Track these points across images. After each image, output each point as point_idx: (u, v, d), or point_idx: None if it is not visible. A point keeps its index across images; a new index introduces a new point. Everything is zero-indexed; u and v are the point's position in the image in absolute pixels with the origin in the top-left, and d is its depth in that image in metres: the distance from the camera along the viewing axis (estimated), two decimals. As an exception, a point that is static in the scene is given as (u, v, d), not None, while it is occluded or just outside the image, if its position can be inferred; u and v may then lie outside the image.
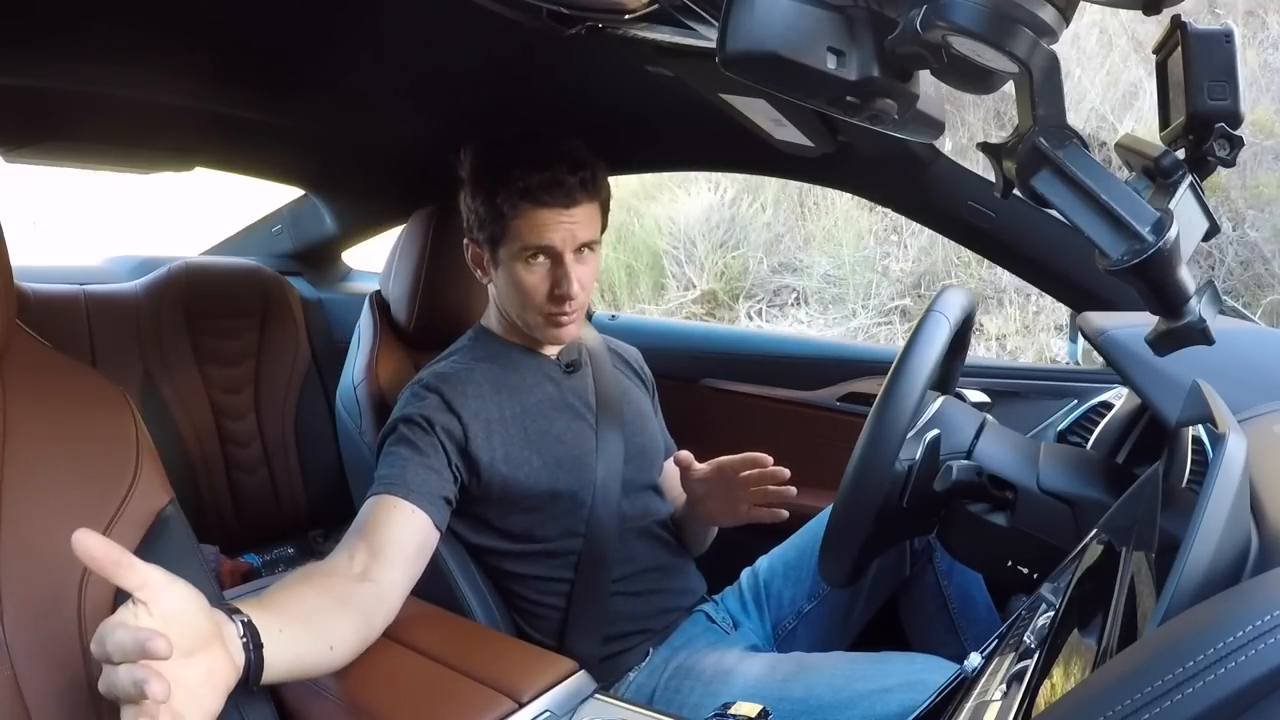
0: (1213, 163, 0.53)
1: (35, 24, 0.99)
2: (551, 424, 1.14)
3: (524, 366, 1.17)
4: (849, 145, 1.24)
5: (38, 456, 0.72)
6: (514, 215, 1.06)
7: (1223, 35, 0.53)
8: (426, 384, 1.10)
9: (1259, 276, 3.64)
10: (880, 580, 1.24)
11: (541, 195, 1.04)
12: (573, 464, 1.13)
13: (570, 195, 1.05)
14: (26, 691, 0.67)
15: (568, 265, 1.08)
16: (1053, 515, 0.93)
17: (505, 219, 1.06)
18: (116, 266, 1.98)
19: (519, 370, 1.16)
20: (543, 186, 1.04)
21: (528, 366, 1.17)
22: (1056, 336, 3.81)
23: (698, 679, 1.06)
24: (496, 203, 1.06)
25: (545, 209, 1.05)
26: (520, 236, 1.07)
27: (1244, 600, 0.39)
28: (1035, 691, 0.55)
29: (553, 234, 1.06)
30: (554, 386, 1.17)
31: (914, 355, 0.92)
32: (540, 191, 1.04)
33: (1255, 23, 4.28)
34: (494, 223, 1.08)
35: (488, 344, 1.19)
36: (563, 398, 1.17)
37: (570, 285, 1.08)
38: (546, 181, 1.04)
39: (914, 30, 0.46)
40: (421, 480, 0.99)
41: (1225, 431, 0.55)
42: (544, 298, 1.09)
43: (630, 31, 0.84)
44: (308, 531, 2.00)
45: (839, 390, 1.63)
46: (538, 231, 1.06)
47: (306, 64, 1.20)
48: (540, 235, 1.06)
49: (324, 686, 0.83)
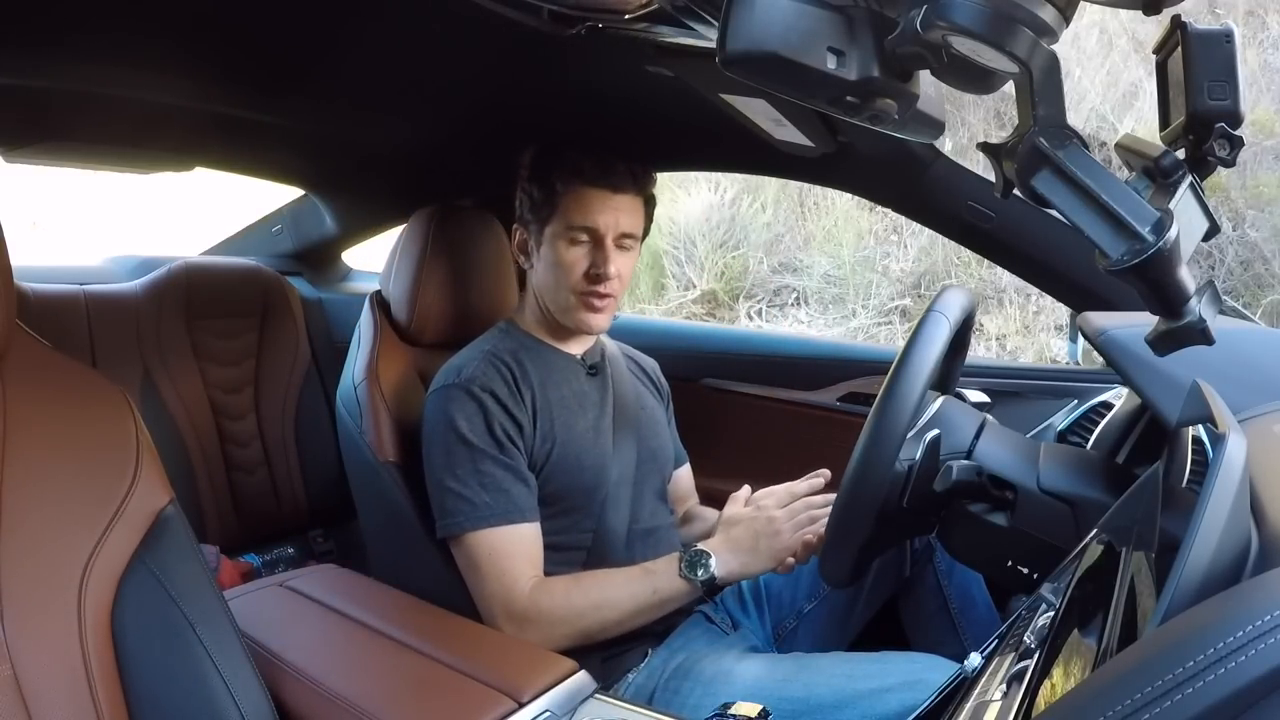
0: (1213, 163, 0.53)
1: (35, 24, 0.99)
2: (575, 421, 1.16)
3: (551, 362, 1.19)
4: (849, 145, 1.24)
5: (38, 457, 0.72)
6: (564, 192, 1.13)
7: (1223, 35, 0.53)
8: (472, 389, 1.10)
9: (1259, 276, 3.65)
10: (880, 580, 1.24)
11: (592, 175, 1.13)
12: (591, 463, 1.15)
13: (618, 181, 1.14)
14: (26, 690, 0.67)
15: (608, 249, 1.14)
16: (1053, 515, 0.93)
17: (556, 196, 1.14)
18: (116, 266, 1.98)
19: (547, 365, 1.18)
20: (594, 168, 1.13)
21: (554, 363, 1.19)
22: (1056, 336, 3.81)
23: (697, 679, 1.07)
24: (550, 180, 1.14)
25: (594, 189, 1.13)
26: (567, 214, 1.13)
27: (1244, 600, 0.39)
28: (1035, 691, 0.55)
29: (598, 215, 1.13)
30: (578, 385, 1.20)
31: (914, 355, 0.92)
32: (591, 172, 1.13)
33: (1255, 23, 4.28)
34: (545, 202, 1.15)
35: (518, 337, 1.20)
36: (587, 397, 1.20)
37: (608, 266, 1.13)
38: (598, 164, 1.13)
39: (914, 30, 0.46)
40: (525, 496, 1.09)
41: (1225, 431, 0.55)
42: (580, 276, 1.14)
43: (630, 31, 0.84)
44: (308, 531, 2.00)
45: (839, 390, 1.63)
46: (584, 211, 1.13)
47: (307, 64, 1.20)
48: (586, 215, 1.13)
49: (324, 686, 0.83)
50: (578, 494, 1.13)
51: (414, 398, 1.23)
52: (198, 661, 0.73)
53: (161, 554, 0.74)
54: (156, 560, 0.74)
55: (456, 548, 1.08)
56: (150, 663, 0.72)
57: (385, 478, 1.18)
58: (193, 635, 0.73)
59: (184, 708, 0.72)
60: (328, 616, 0.98)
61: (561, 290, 1.15)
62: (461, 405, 1.09)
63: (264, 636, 0.91)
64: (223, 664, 0.74)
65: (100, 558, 0.72)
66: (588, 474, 1.14)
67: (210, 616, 0.75)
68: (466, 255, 1.35)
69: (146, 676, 0.72)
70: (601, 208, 1.13)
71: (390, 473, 1.18)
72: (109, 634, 0.71)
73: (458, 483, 1.06)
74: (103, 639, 0.71)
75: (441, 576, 1.09)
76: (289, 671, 0.86)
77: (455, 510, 1.06)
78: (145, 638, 0.72)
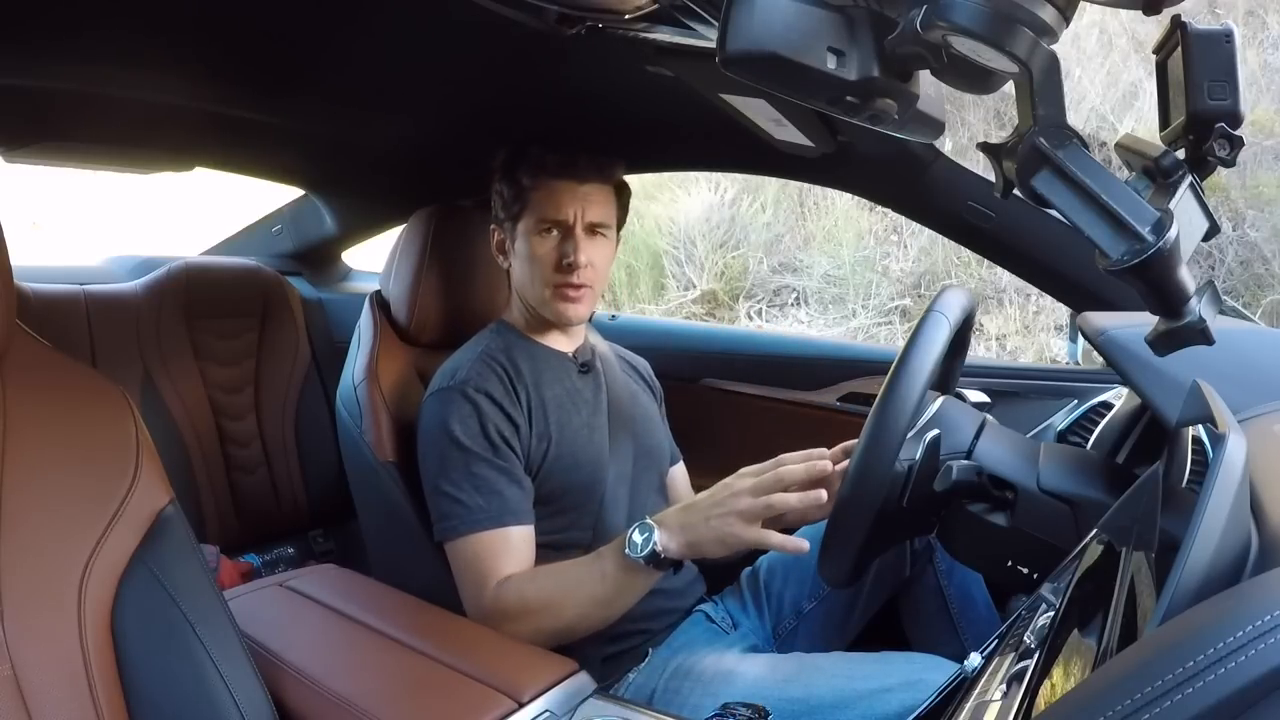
0: (1213, 163, 0.53)
1: (35, 24, 0.99)
2: (570, 419, 1.16)
3: (544, 360, 1.19)
4: (849, 145, 1.24)
5: (38, 456, 0.72)
6: (532, 188, 1.16)
7: (1223, 35, 0.53)
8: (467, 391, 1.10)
9: (1259, 276, 3.65)
10: (880, 580, 1.24)
11: (556, 169, 1.15)
12: (588, 460, 1.15)
13: (582, 172, 1.16)
14: (26, 690, 0.67)
15: (577, 237, 1.15)
16: (1053, 515, 0.93)
17: (525, 192, 1.16)
18: (116, 266, 1.98)
19: (540, 363, 1.18)
20: (558, 162, 1.15)
21: (547, 361, 1.19)
22: (1056, 336, 3.81)
23: (697, 679, 1.06)
24: (517, 177, 1.17)
25: (559, 181, 1.15)
26: (537, 209, 1.16)
27: (1244, 600, 0.39)
28: (1035, 691, 0.54)
29: (565, 207, 1.15)
30: (572, 383, 1.20)
31: (914, 355, 0.92)
32: (555, 166, 1.15)
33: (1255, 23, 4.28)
34: (515, 200, 1.17)
35: (509, 336, 1.21)
36: (580, 394, 1.20)
37: (578, 255, 1.14)
38: (562, 158, 1.16)
39: (914, 30, 0.46)
40: (519, 499, 1.08)
41: (1225, 431, 0.55)
42: (552, 268, 1.15)
43: (630, 31, 0.84)
44: (308, 531, 2.00)
45: (839, 390, 1.63)
46: (552, 203, 1.15)
47: (307, 64, 1.20)
48: (554, 207, 1.15)
49: (324, 686, 0.83)
50: (575, 492, 1.14)
51: (414, 398, 1.23)
52: (198, 661, 0.73)
53: (161, 554, 0.74)
54: (156, 560, 0.74)
55: (450, 550, 1.08)
56: (150, 662, 0.72)
57: (385, 478, 1.18)
58: (193, 635, 0.73)
59: (184, 707, 0.72)
60: (328, 616, 0.98)
61: (536, 283, 1.17)
62: (457, 408, 1.09)
63: (264, 636, 0.91)
64: (223, 664, 0.74)
65: (100, 557, 0.72)
66: (584, 471, 1.14)
67: (210, 616, 0.75)
68: (466, 255, 1.35)
69: (146, 676, 0.72)
70: (568, 199, 1.15)
71: (390, 473, 1.18)
72: (109, 634, 0.71)
73: (452, 486, 1.06)
74: (103, 639, 0.71)
75: (441, 576, 1.09)
76: (289, 671, 0.86)
77: (450, 514, 1.06)
78: (145, 637, 0.72)
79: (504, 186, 1.19)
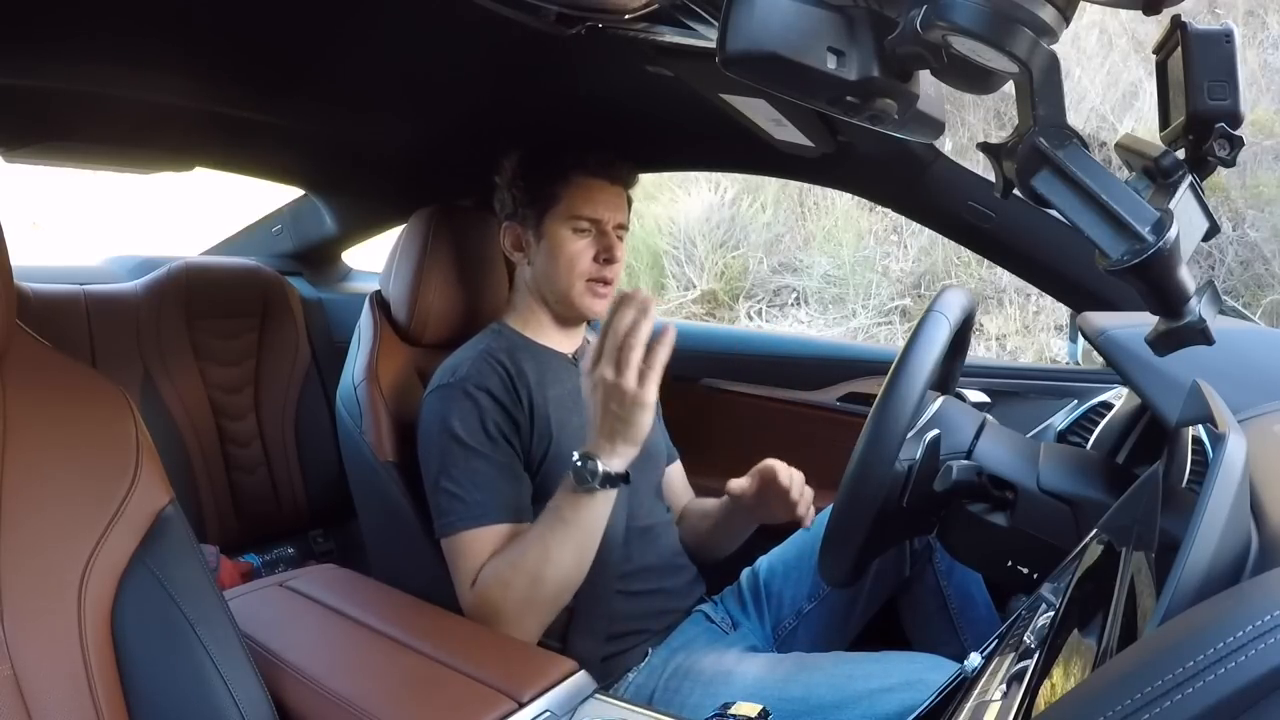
0: (1213, 163, 0.53)
1: (35, 24, 0.99)
2: (570, 419, 1.16)
3: (545, 361, 1.19)
4: (849, 145, 1.24)
5: (38, 457, 0.72)
6: (568, 184, 1.18)
7: (1223, 35, 0.53)
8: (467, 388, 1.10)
9: (1259, 276, 3.65)
10: (880, 580, 1.24)
11: (597, 169, 1.19)
12: None
13: (620, 174, 1.21)
14: (26, 690, 0.67)
15: (610, 235, 1.19)
16: (1053, 515, 0.93)
17: (559, 188, 1.18)
18: (116, 266, 1.98)
19: (541, 364, 1.18)
20: (599, 162, 1.19)
21: (548, 362, 1.20)
22: (1056, 336, 3.81)
23: (697, 679, 1.07)
24: (551, 174, 1.18)
25: (598, 180, 1.19)
26: (573, 205, 1.18)
27: (1244, 600, 0.39)
28: (1035, 691, 0.55)
29: (602, 207, 1.18)
30: (572, 383, 1.20)
31: (914, 355, 0.92)
32: (597, 166, 1.19)
33: (1255, 23, 4.28)
34: (544, 196, 1.19)
35: (510, 337, 1.21)
36: (580, 395, 1.19)
37: (617, 250, 1.19)
38: (602, 159, 1.19)
39: (914, 30, 0.46)
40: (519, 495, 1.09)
41: (1225, 431, 0.55)
42: (589, 263, 1.18)
43: (630, 31, 0.84)
44: (308, 531, 2.00)
45: (839, 390, 1.62)
46: (590, 202, 1.18)
47: (306, 64, 1.20)
48: (592, 205, 1.18)
49: (324, 686, 0.83)
50: None
51: (414, 397, 1.23)
52: (198, 661, 0.73)
53: (161, 554, 0.74)
54: (156, 560, 0.74)
55: (447, 545, 1.07)
56: (150, 663, 0.72)
57: (385, 478, 1.18)
58: (193, 635, 0.73)
59: (184, 707, 0.72)
60: (328, 616, 0.98)
61: (566, 277, 1.18)
62: (457, 405, 1.09)
63: (264, 636, 0.91)
64: (223, 664, 0.74)
65: (100, 557, 0.72)
66: None
67: (210, 616, 0.75)
68: (466, 255, 1.35)
69: (146, 676, 0.72)
70: (604, 198, 1.18)
71: (390, 472, 1.18)
72: (109, 634, 0.71)
73: (452, 483, 1.06)
74: (103, 639, 0.71)
75: (441, 576, 1.09)
76: (289, 671, 0.86)
77: (449, 510, 1.06)
78: (145, 638, 0.72)
79: (529, 184, 1.20)
